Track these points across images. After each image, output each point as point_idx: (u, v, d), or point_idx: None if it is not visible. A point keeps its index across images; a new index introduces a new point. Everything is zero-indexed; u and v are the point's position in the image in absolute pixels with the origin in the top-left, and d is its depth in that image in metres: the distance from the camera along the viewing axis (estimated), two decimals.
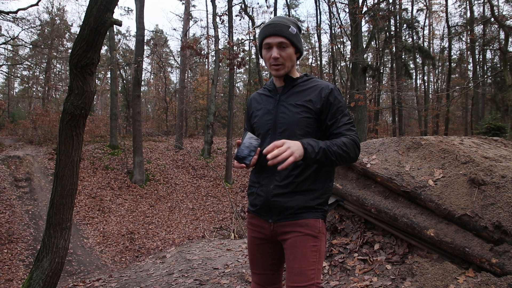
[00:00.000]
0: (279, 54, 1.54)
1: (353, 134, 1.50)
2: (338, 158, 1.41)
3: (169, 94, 27.64)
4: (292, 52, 1.57)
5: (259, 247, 1.65)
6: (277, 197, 1.53)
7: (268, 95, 1.69)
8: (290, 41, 1.55)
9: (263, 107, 1.66)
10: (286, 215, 1.53)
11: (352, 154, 1.45)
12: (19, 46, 22.56)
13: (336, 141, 1.44)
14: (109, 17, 2.82)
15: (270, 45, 1.55)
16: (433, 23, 28.35)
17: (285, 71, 1.58)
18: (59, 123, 3.07)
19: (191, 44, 12.30)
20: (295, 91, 1.60)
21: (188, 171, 17.61)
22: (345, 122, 1.53)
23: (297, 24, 1.61)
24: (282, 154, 1.28)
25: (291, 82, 1.62)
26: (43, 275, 3.00)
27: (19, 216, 11.18)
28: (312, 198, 1.53)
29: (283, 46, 1.54)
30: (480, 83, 15.70)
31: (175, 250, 5.30)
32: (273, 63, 1.56)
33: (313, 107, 1.54)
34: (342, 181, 3.43)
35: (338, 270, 3.11)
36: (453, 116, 25.85)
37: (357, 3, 12.19)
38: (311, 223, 1.52)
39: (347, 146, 1.43)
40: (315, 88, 1.57)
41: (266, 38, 1.56)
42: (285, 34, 1.53)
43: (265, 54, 1.59)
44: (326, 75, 24.84)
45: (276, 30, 1.54)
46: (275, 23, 1.55)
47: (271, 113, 1.61)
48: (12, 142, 17.70)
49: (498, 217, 2.44)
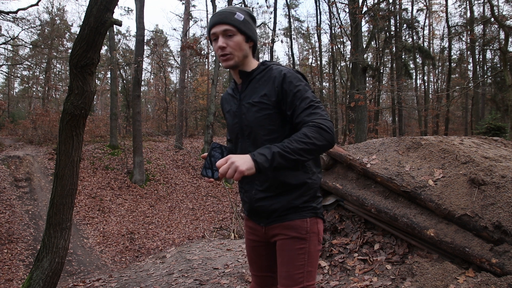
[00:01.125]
0: (225, 43, 1.41)
1: (316, 118, 1.29)
2: (303, 154, 1.23)
3: (169, 94, 27.65)
4: (240, 40, 1.42)
5: (255, 249, 1.64)
6: (260, 202, 1.48)
7: (232, 94, 1.58)
8: (237, 28, 1.41)
9: (230, 109, 1.57)
10: (274, 218, 1.49)
11: (319, 142, 1.24)
12: (19, 46, 22.57)
13: (294, 135, 1.25)
14: (109, 17, 2.82)
15: (216, 35, 1.43)
16: (433, 23, 28.37)
17: (235, 61, 1.44)
18: (59, 123, 3.07)
19: (191, 44, 12.30)
20: (253, 87, 1.47)
21: (188, 171, 17.61)
22: (305, 107, 1.32)
23: (247, 12, 1.48)
24: (227, 172, 1.17)
25: (246, 77, 1.49)
26: (43, 275, 3.00)
27: (19, 216, 11.18)
28: (295, 197, 1.45)
29: (229, 34, 1.41)
30: (480, 83, 15.71)
31: (175, 250, 5.30)
32: (220, 54, 1.42)
33: (269, 101, 1.40)
34: (342, 181, 3.43)
35: (338, 270, 3.11)
36: (453, 116, 25.85)
37: (357, 3, 12.20)
38: (297, 225, 1.45)
39: (308, 135, 1.23)
40: (268, 78, 1.42)
41: (211, 28, 1.44)
42: (229, 21, 1.40)
43: (214, 46, 1.45)
44: (326, 75, 24.86)
45: (220, 18, 1.42)
46: (219, 12, 1.45)
47: (236, 116, 1.52)
48: (12, 142, 17.70)
49: (498, 217, 2.44)
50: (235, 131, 1.53)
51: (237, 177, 1.16)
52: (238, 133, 1.52)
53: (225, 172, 1.17)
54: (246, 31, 1.44)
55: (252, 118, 1.44)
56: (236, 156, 1.19)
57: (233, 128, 1.55)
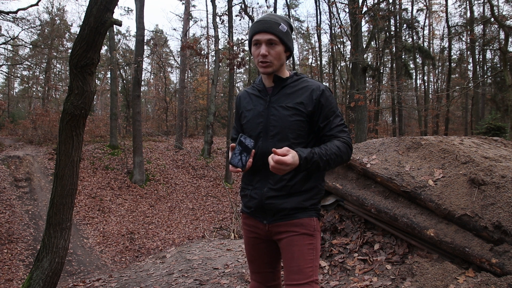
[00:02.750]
0: (268, 51, 1.49)
1: (345, 135, 1.51)
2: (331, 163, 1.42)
3: (169, 94, 27.65)
4: (281, 51, 1.52)
5: (255, 246, 1.67)
6: (271, 200, 1.53)
7: (257, 95, 1.64)
8: (280, 39, 1.50)
9: (253, 108, 1.62)
10: (280, 216, 1.54)
11: (345, 156, 1.46)
12: (19, 46, 22.58)
13: (330, 146, 1.44)
14: (109, 17, 2.82)
15: (259, 42, 1.51)
16: (433, 23, 28.37)
17: (273, 69, 1.53)
18: (59, 123, 3.07)
19: (191, 44, 12.30)
20: (286, 93, 1.56)
21: (188, 171, 17.61)
22: (338, 124, 1.52)
23: (289, 23, 1.57)
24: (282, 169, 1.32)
25: (281, 82, 1.58)
26: (43, 275, 3.00)
27: (19, 216, 11.18)
28: (305, 199, 1.54)
29: (272, 43, 1.50)
30: (480, 83, 15.71)
31: (175, 250, 5.30)
32: (261, 60, 1.51)
33: (304, 109, 1.51)
34: (342, 181, 3.43)
35: (338, 270, 3.11)
36: (453, 116, 25.85)
37: (357, 3, 12.19)
38: (305, 222, 1.53)
39: (341, 150, 1.45)
40: (305, 89, 1.54)
41: (255, 34, 1.52)
42: (274, 31, 1.49)
43: (254, 51, 1.54)
44: (326, 75, 24.85)
45: (265, 26, 1.49)
46: (265, 20, 1.51)
47: (261, 116, 1.57)
48: (12, 142, 17.70)
49: (498, 217, 2.44)
50: (257, 129, 1.58)
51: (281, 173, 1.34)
52: (261, 132, 1.57)
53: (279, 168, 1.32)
54: (287, 42, 1.53)
55: (283, 120, 1.53)
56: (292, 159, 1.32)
57: (256, 127, 1.59)
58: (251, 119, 1.61)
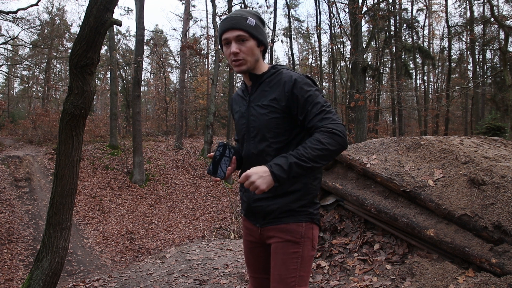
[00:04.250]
0: (238, 48, 1.41)
1: (327, 123, 1.32)
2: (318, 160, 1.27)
3: (169, 94, 27.65)
4: (253, 45, 1.43)
5: (251, 250, 1.64)
6: (259, 202, 1.49)
7: (242, 96, 1.60)
8: (249, 33, 1.42)
9: (239, 109, 1.59)
10: (270, 219, 1.50)
11: (332, 147, 1.28)
12: (19, 46, 22.58)
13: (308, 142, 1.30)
14: (109, 17, 2.82)
15: (228, 40, 1.43)
16: (433, 23, 28.37)
17: (248, 67, 1.45)
18: (59, 123, 3.07)
19: (191, 44, 12.31)
20: (263, 90, 1.49)
21: (188, 171, 17.61)
22: (317, 112, 1.35)
23: (257, 16, 1.49)
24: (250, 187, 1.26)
25: (257, 79, 1.50)
26: (43, 275, 3.00)
27: (19, 216, 11.18)
28: (293, 200, 1.45)
29: (242, 39, 1.42)
30: (480, 83, 15.71)
31: (175, 250, 5.30)
32: (233, 59, 1.43)
33: (278, 105, 1.41)
34: (342, 181, 3.43)
35: (338, 270, 3.11)
36: (453, 116, 25.85)
37: (357, 3, 12.20)
38: (292, 228, 1.45)
39: (322, 141, 1.27)
40: (279, 83, 1.43)
41: (223, 33, 1.44)
42: (242, 26, 1.41)
43: (225, 50, 1.47)
44: (326, 75, 24.85)
45: (232, 23, 1.42)
46: (231, 17, 1.44)
47: (244, 117, 1.54)
48: (12, 142, 17.69)
49: (498, 217, 2.44)
50: (242, 131, 1.55)
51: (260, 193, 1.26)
52: (245, 134, 1.53)
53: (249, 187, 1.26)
54: (258, 36, 1.45)
55: (260, 120, 1.46)
56: (254, 173, 1.25)
57: (240, 129, 1.57)
58: (238, 121, 1.59)
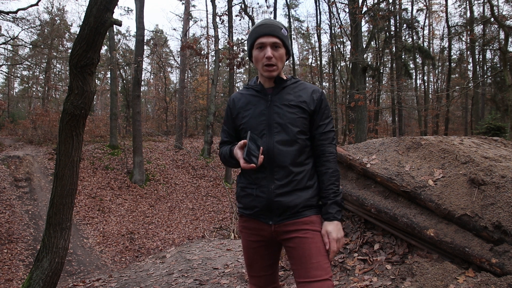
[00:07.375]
0: (273, 54, 1.53)
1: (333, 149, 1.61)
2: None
3: (169, 94, 27.66)
4: (283, 53, 1.58)
5: (256, 250, 1.63)
6: (280, 197, 1.52)
7: (256, 95, 1.65)
8: (283, 42, 1.56)
9: (253, 107, 1.62)
10: (288, 215, 1.52)
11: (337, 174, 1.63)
12: (19, 46, 22.57)
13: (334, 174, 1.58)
14: (109, 17, 2.82)
15: (263, 45, 1.54)
16: (433, 23, 28.38)
17: (277, 72, 1.58)
18: (59, 123, 3.07)
19: (191, 44, 12.31)
20: (287, 92, 1.61)
21: (188, 171, 17.61)
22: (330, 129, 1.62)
23: (286, 28, 1.63)
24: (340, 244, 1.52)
25: (281, 83, 1.62)
26: (43, 275, 3.00)
27: (19, 216, 11.18)
28: (312, 195, 1.56)
29: (276, 46, 1.54)
30: (480, 83, 15.71)
31: (175, 250, 5.30)
32: (266, 63, 1.54)
33: (307, 108, 1.58)
34: (342, 181, 3.43)
35: (338, 270, 3.11)
36: (453, 116, 25.87)
37: (357, 3, 12.19)
38: (315, 220, 1.55)
39: (339, 172, 1.61)
40: (306, 90, 1.61)
41: (259, 38, 1.55)
42: (278, 34, 1.54)
43: (257, 54, 1.57)
44: (326, 75, 24.85)
45: (270, 30, 1.53)
46: (268, 24, 1.55)
47: (263, 114, 1.59)
48: (12, 142, 17.69)
49: (498, 217, 2.44)
50: (260, 128, 1.60)
51: None
52: (264, 130, 1.58)
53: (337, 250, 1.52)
54: (288, 46, 1.60)
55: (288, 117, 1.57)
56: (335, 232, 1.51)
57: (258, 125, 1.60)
58: (252, 118, 1.61)
